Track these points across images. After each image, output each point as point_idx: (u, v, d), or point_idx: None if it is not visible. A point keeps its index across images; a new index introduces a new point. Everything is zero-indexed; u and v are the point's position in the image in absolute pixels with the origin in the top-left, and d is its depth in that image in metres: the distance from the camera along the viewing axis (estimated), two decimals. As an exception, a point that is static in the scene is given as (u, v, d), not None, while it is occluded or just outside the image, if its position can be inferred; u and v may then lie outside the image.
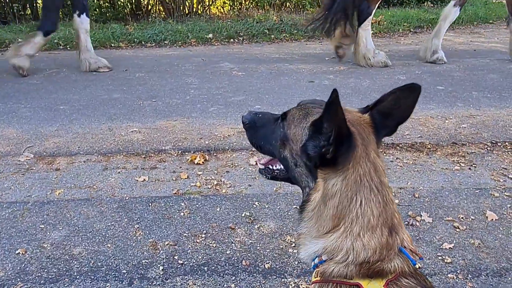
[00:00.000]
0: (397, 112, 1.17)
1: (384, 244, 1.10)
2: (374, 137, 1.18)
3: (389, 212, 1.13)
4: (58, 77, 6.24)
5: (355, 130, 1.15)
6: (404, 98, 1.14)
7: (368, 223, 1.11)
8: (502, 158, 3.58)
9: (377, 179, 1.13)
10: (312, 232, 1.19)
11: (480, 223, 2.72)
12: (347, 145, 1.12)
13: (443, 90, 5.38)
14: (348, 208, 1.12)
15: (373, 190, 1.12)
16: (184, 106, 4.92)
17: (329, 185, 1.14)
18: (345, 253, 1.10)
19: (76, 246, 2.54)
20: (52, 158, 3.68)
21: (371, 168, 1.13)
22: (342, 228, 1.12)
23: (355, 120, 1.19)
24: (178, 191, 3.13)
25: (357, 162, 1.13)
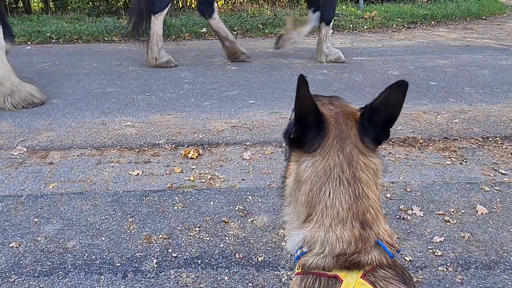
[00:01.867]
0: (384, 109, 1.16)
1: (358, 237, 1.11)
2: (356, 132, 1.17)
3: (361, 207, 1.13)
4: (51, 70, 6.20)
5: (335, 121, 1.17)
6: (393, 94, 1.14)
7: (337, 215, 1.12)
8: (493, 153, 3.62)
9: (350, 173, 1.13)
10: (293, 220, 1.21)
11: (471, 217, 2.76)
12: (316, 132, 1.15)
13: (435, 86, 5.42)
14: (317, 197, 1.14)
15: (343, 183, 1.13)
16: (178, 101, 4.92)
17: (301, 169, 1.17)
18: (321, 245, 1.12)
19: (70, 240, 2.55)
20: (45, 152, 3.67)
21: (344, 161, 1.14)
22: (315, 218, 1.14)
23: (343, 113, 1.20)
24: (171, 185, 3.14)
25: (327, 152, 1.14)
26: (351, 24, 9.90)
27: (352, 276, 1.09)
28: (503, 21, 11.42)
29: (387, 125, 1.19)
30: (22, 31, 8.68)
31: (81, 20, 9.67)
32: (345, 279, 1.09)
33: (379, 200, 1.18)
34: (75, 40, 8.59)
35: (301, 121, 1.14)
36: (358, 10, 10.94)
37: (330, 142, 1.15)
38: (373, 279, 1.10)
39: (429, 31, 9.84)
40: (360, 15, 10.44)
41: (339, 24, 9.75)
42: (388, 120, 1.18)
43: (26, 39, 8.39)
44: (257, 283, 2.22)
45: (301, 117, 1.13)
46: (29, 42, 8.31)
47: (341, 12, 10.49)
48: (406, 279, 1.13)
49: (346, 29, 9.76)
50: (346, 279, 1.09)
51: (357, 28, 9.85)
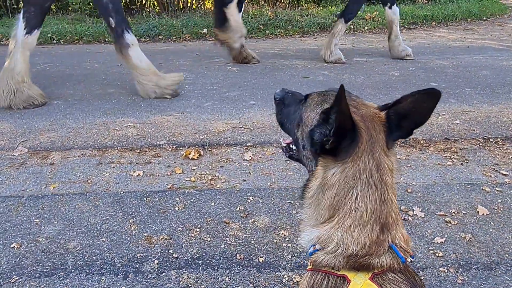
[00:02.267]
0: (414, 115, 1.16)
1: (374, 240, 1.12)
2: (384, 136, 1.18)
3: (385, 210, 1.14)
4: (52, 71, 6.21)
5: (364, 125, 1.16)
6: (423, 101, 1.14)
7: (360, 217, 1.13)
8: (494, 154, 3.62)
9: (378, 177, 1.14)
10: (311, 220, 1.22)
11: (472, 217, 2.76)
12: (350, 139, 1.14)
13: (436, 87, 5.35)
14: (344, 200, 1.14)
15: (371, 187, 1.13)
16: (178, 101, 4.92)
17: (328, 174, 1.17)
18: (335, 245, 1.13)
19: (71, 240, 2.55)
20: (46, 152, 3.67)
21: (373, 166, 1.14)
22: (336, 219, 1.15)
23: (368, 116, 1.20)
24: (172, 185, 3.14)
25: (359, 157, 1.14)
26: (352, 25, 9.89)
27: (360, 277, 1.10)
28: (504, 22, 11.42)
29: (413, 128, 1.20)
30: (23, 32, 8.68)
31: (82, 21, 9.67)
32: (353, 280, 1.10)
33: (397, 204, 1.19)
34: (76, 41, 8.59)
35: (339, 131, 1.13)
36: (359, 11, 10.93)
37: (362, 148, 1.15)
38: (381, 281, 1.11)
39: (429, 32, 9.84)
40: (361, 16, 10.44)
41: (339, 25, 9.75)
42: (415, 126, 1.19)
43: (27, 40, 8.39)
44: (258, 284, 2.22)
45: (341, 128, 1.12)
46: (30, 43, 8.31)
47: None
48: (417, 285, 1.13)
49: (347, 30, 9.73)
50: (354, 280, 1.10)
51: (358, 29, 9.85)
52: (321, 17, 10.13)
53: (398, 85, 5.46)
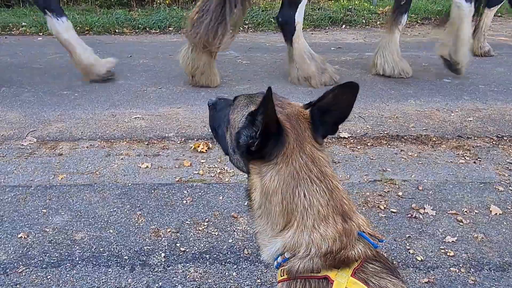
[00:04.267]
0: (335, 110, 1.17)
1: (342, 231, 1.09)
2: (310, 133, 1.18)
3: (337, 199, 1.13)
4: (62, 61, 6.20)
5: (290, 125, 1.16)
6: (343, 95, 1.14)
7: (318, 213, 1.10)
8: (508, 153, 3.55)
9: (317, 170, 1.14)
10: (267, 231, 1.18)
11: (484, 217, 2.71)
12: (276, 140, 1.13)
13: (449, 83, 5.33)
14: (293, 202, 1.12)
15: (314, 181, 1.12)
16: (188, 94, 4.89)
17: (266, 181, 1.14)
18: (306, 247, 1.09)
19: (78, 231, 2.54)
20: (55, 143, 3.67)
21: (308, 161, 1.14)
22: (295, 223, 1.12)
23: (293, 115, 1.20)
24: (180, 178, 3.12)
25: (289, 156, 1.13)
26: (364, 20, 9.77)
27: (343, 276, 1.07)
28: (519, 18, 11.21)
29: (337, 123, 1.21)
30: (34, 22, 8.69)
31: (93, 11, 9.66)
32: (336, 279, 1.06)
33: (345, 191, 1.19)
34: (86, 32, 8.58)
35: (266, 133, 1.11)
36: (371, 5, 10.80)
37: (291, 147, 1.14)
38: (364, 276, 1.08)
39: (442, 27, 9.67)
40: (373, 10, 10.31)
41: (351, 19, 9.64)
42: (339, 119, 1.20)
43: (37, 30, 8.40)
44: (266, 279, 2.19)
45: (267, 129, 1.11)
46: (40, 33, 8.31)
47: (353, 7, 10.37)
48: (393, 270, 1.12)
49: (359, 25, 9.64)
50: (337, 279, 1.06)
51: (370, 23, 9.72)
52: (333, 11, 10.02)
53: (410, 81, 5.38)
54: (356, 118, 4.14)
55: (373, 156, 3.47)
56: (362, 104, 4.50)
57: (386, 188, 3.01)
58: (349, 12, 10.03)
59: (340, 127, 1.23)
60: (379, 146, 3.65)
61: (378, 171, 3.25)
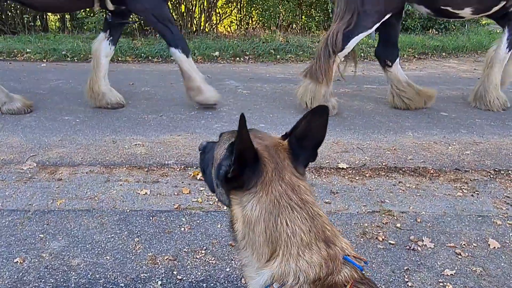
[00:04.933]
0: (311, 134, 1.21)
1: (326, 257, 1.10)
2: (289, 162, 1.21)
3: (319, 225, 1.14)
4: (65, 88, 6.29)
5: (268, 154, 1.19)
6: (315, 120, 1.19)
7: (301, 240, 1.11)
8: (505, 186, 3.57)
9: (297, 198, 1.15)
10: (254, 263, 1.18)
11: (482, 250, 2.70)
12: (254, 168, 1.15)
13: (446, 116, 5.40)
14: (276, 231, 1.12)
15: (295, 208, 1.14)
16: (188, 122, 4.94)
17: (248, 211, 1.15)
18: (294, 276, 1.09)
19: (75, 257, 2.52)
20: (54, 167, 3.68)
21: (288, 189, 1.15)
22: (280, 252, 1.12)
23: (272, 145, 1.23)
24: (179, 206, 3.12)
25: (268, 184, 1.15)
26: (363, 53, 9.97)
27: None
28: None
29: (315, 149, 1.25)
30: (38, 48, 8.85)
31: (97, 40, 9.83)
32: None
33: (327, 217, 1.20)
34: (90, 59, 8.70)
35: (240, 160, 1.14)
36: (369, 39, 11.04)
37: (269, 175, 1.16)
38: None
39: (440, 62, 9.87)
40: (372, 44, 10.53)
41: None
42: (315, 144, 1.24)
43: (42, 57, 8.55)
44: (263, 310, 2.17)
45: (241, 157, 1.13)
46: (44, 60, 8.45)
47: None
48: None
49: (358, 57, 9.82)
50: None
51: (369, 56, 9.91)
52: (332, 44, 10.22)
53: (408, 114, 5.45)
54: (354, 149, 4.18)
55: (371, 187, 3.49)
56: (360, 136, 4.55)
57: (385, 220, 3.01)
58: (348, 45, 10.20)
59: (338, 158, 1.26)
60: (378, 178, 3.67)
61: (376, 202, 3.26)
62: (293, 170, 1.20)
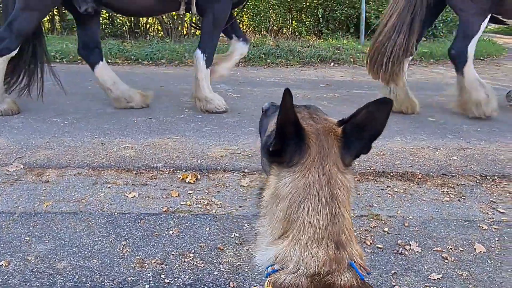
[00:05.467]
0: (370, 126, 1.17)
1: (333, 257, 1.10)
2: (337, 150, 1.17)
3: (337, 226, 1.12)
4: (54, 89, 6.21)
5: (316, 138, 1.16)
6: (377, 111, 1.15)
7: (314, 233, 1.10)
8: (491, 191, 3.61)
9: (328, 191, 1.13)
10: (267, 234, 1.18)
11: (469, 255, 2.73)
12: (297, 147, 1.13)
13: (434, 122, 5.46)
14: (296, 213, 1.12)
15: (321, 201, 1.12)
16: (178, 125, 4.92)
17: (280, 185, 1.15)
18: (295, 264, 1.10)
19: (61, 260, 2.50)
20: (42, 169, 3.64)
21: (323, 179, 1.13)
22: (291, 235, 1.12)
23: (324, 130, 1.19)
24: (168, 209, 3.11)
25: (307, 168, 1.13)
26: (352, 58, 10.05)
27: None
28: (500, 63, 11.61)
29: (371, 140, 1.20)
30: (27, 49, 8.77)
31: (86, 41, 9.77)
32: None
33: (351, 222, 1.17)
34: (79, 61, 8.65)
35: (283, 134, 1.12)
36: (359, 44, 11.14)
37: (311, 159, 1.14)
38: None
39: (428, 69, 9.99)
40: (361, 50, 10.62)
41: (340, 57, 9.91)
42: (372, 135, 1.19)
43: (30, 58, 8.46)
44: (251, 313, 2.17)
45: (282, 130, 1.12)
46: (33, 61, 8.37)
47: (342, 46, 10.67)
48: None
49: (347, 63, 9.90)
50: None
51: (358, 62, 9.99)
52: (322, 49, 10.29)
53: (396, 119, 5.50)
54: (343, 154, 4.20)
55: (360, 191, 3.51)
56: (349, 140, 4.56)
57: (373, 224, 3.03)
58: (338, 50, 10.31)
59: None
60: (366, 182, 3.70)
61: (364, 206, 3.28)
62: (337, 160, 1.16)
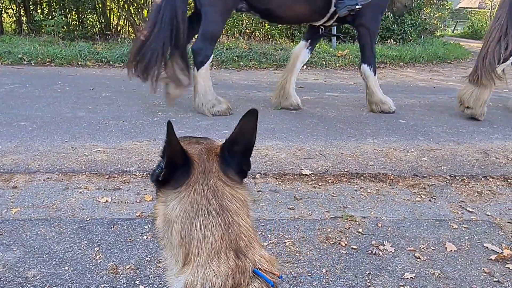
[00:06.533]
0: (241, 138, 1.19)
1: (234, 267, 1.08)
2: (218, 166, 1.19)
3: (233, 235, 1.11)
4: (20, 92, 6.05)
5: (199, 158, 1.19)
6: (247, 124, 1.18)
7: (211, 247, 1.09)
8: (460, 191, 3.71)
9: (216, 203, 1.13)
10: (172, 265, 1.16)
11: (440, 253, 2.79)
12: (182, 171, 1.16)
13: (405, 124, 5.58)
14: (190, 233, 1.11)
15: (211, 213, 1.12)
16: (151, 128, 4.86)
17: (169, 209, 1.15)
18: (201, 285, 1.07)
19: (31, 269, 2.42)
20: (9, 175, 3.52)
21: (209, 193, 1.14)
22: (192, 257, 1.11)
23: (206, 150, 1.22)
24: (141, 213, 3.06)
25: (192, 187, 1.14)
26: (324, 61, 10.17)
27: None
28: (466, 65, 11.97)
29: (246, 155, 1.22)
30: (-8, 51, 8.50)
31: (55, 43, 9.56)
32: None
33: (253, 229, 1.17)
34: (48, 63, 8.45)
35: (171, 164, 1.15)
36: (331, 48, 11.28)
37: (194, 178, 1.16)
38: None
39: (398, 71, 10.21)
40: (333, 53, 10.76)
41: (312, 60, 10.00)
42: (245, 149, 1.21)
43: (-5, 60, 8.21)
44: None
45: (171, 160, 1.14)
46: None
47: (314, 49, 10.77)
48: None
49: (319, 66, 10.02)
50: None
51: (330, 65, 10.12)
52: (295, 52, 10.36)
53: (369, 121, 5.59)
54: (317, 156, 4.24)
55: (334, 193, 3.55)
56: (323, 142, 4.62)
57: (347, 225, 3.06)
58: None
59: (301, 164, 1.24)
60: (340, 184, 3.74)
61: (339, 208, 3.31)
62: (221, 175, 1.18)
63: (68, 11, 11.78)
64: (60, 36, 10.22)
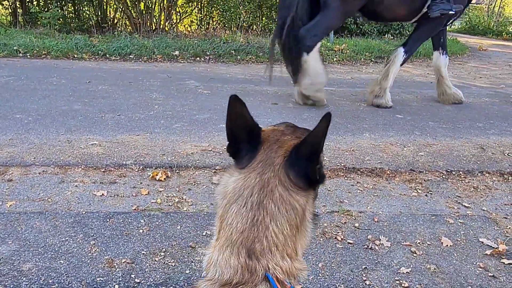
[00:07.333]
0: (310, 140, 1.10)
1: (244, 265, 1.04)
2: (281, 161, 1.12)
3: (254, 234, 1.07)
4: (16, 84, 6.01)
5: (267, 147, 1.15)
6: (318, 127, 1.08)
7: (231, 235, 1.08)
8: (456, 186, 3.72)
9: (257, 198, 1.09)
10: (214, 234, 1.16)
11: (436, 248, 2.80)
12: (248, 151, 1.15)
13: (402, 119, 5.57)
14: (226, 212, 1.11)
15: (247, 205, 1.09)
16: (147, 121, 4.84)
17: (229, 183, 1.15)
18: (213, 268, 1.06)
19: (26, 262, 2.41)
20: (4, 168, 3.50)
21: (257, 185, 1.10)
22: (219, 236, 1.11)
23: (279, 141, 1.17)
24: (137, 207, 3.05)
25: (249, 173, 1.12)
26: (321, 56, 10.13)
27: None
28: (464, 61, 11.99)
29: (312, 159, 1.12)
30: (-13, 43, 8.43)
31: (51, 35, 9.50)
32: None
33: (286, 239, 1.09)
34: (44, 56, 8.39)
35: (233, 138, 1.16)
36: (328, 42, 11.24)
37: (255, 165, 1.13)
38: None
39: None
40: (330, 47, 10.73)
41: (310, 54, 9.96)
42: (311, 153, 1.11)
43: (-9, 52, 8.15)
44: (223, 312, 2.15)
45: (231, 134, 1.16)
46: (-6, 55, 8.07)
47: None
48: None
49: (317, 60, 9.97)
50: None
51: (327, 59, 10.09)
52: (292, 46, 10.32)
53: (366, 116, 5.59)
54: (314, 150, 4.23)
55: (330, 187, 3.54)
56: (320, 137, 4.60)
57: (343, 219, 3.06)
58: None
59: None
60: (337, 178, 3.74)
61: (335, 202, 3.31)
62: (281, 173, 1.11)
63: (64, 3, 11.69)
64: (56, 28, 10.15)
